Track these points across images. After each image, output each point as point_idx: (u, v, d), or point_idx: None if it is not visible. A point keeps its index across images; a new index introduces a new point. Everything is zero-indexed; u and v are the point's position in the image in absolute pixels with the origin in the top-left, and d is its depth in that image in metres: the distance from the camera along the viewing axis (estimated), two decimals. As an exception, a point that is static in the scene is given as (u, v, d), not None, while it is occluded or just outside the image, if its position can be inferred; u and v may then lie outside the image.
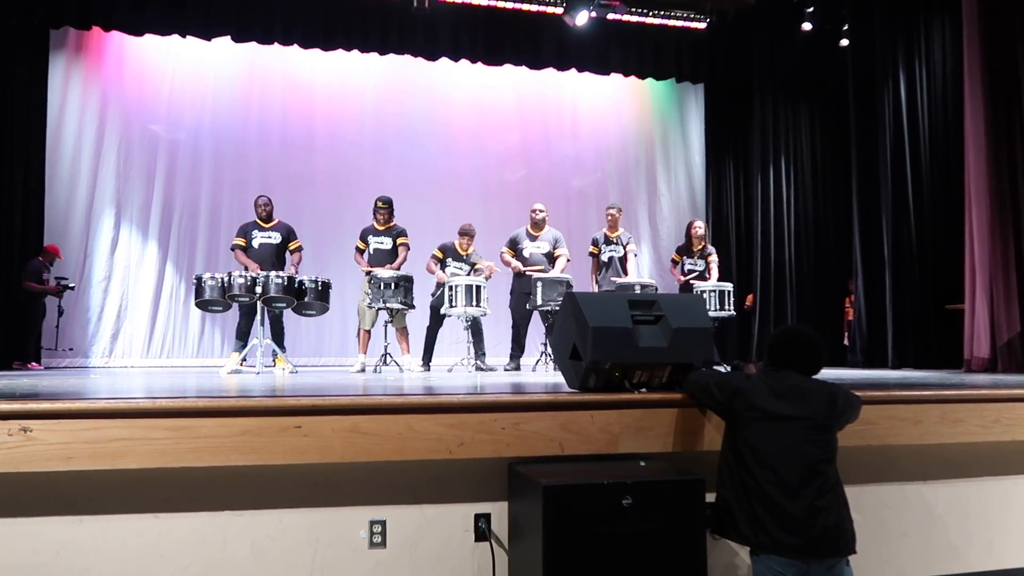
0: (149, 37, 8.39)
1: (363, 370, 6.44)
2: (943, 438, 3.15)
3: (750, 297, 9.35)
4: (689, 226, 7.73)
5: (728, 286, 7.02)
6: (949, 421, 3.15)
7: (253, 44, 8.54)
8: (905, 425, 3.10)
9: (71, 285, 8.08)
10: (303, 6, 8.29)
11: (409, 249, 6.84)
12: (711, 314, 6.57)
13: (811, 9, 8.56)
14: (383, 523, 2.77)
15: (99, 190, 8.64)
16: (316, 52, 8.76)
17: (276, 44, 8.52)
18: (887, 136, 7.67)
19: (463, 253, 6.91)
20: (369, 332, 6.73)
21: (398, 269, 6.58)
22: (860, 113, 8.20)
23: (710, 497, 2.67)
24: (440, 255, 6.94)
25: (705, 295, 6.80)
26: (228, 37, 8.33)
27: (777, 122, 9.32)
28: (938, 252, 7.19)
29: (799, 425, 2.55)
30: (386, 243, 6.80)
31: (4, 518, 2.49)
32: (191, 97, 8.96)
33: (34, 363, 7.74)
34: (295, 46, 8.58)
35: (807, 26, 8.65)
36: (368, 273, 6.58)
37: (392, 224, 6.86)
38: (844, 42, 8.64)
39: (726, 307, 6.87)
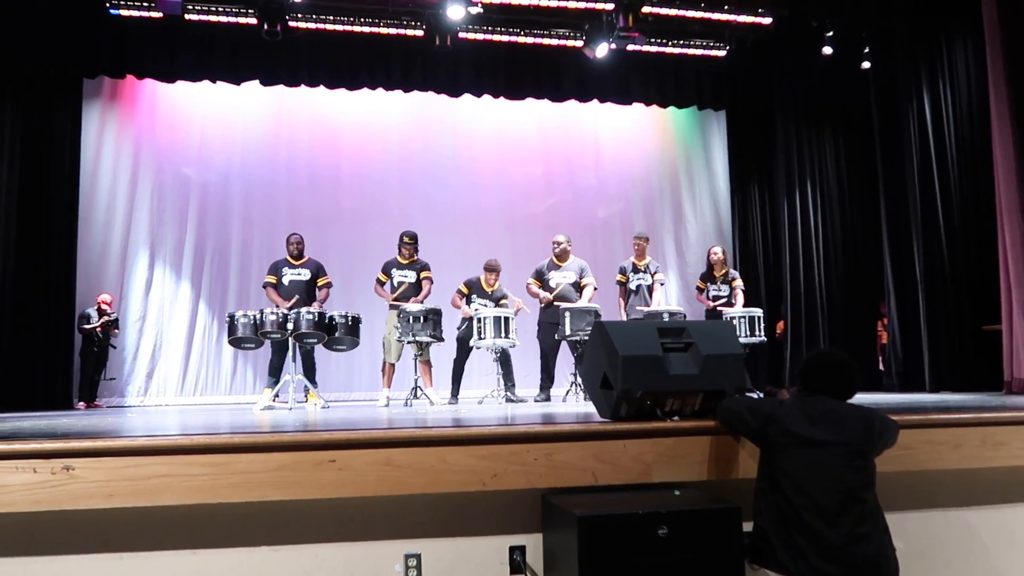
0: (180, 83, 8.65)
1: (388, 404, 6.46)
2: (985, 462, 3.08)
3: (780, 324, 9.25)
4: (708, 252, 7.74)
5: (758, 312, 6.97)
6: (991, 444, 3.08)
7: (280, 87, 8.76)
8: (945, 449, 3.03)
9: (114, 318, 8.32)
10: (328, 48, 8.48)
11: (432, 283, 6.89)
12: (741, 340, 6.51)
13: (831, 33, 8.57)
14: (418, 557, 2.77)
15: (133, 232, 8.86)
16: (341, 92, 8.95)
17: (303, 86, 8.72)
18: (914, 156, 7.61)
19: (488, 289, 6.93)
20: (394, 366, 6.76)
21: (422, 303, 6.61)
22: (885, 134, 8.15)
23: (747, 526, 2.63)
24: (465, 291, 6.97)
25: (735, 321, 6.75)
26: (256, 81, 8.56)
27: (801, 145, 9.30)
28: (972, 271, 7.07)
29: (835, 451, 2.51)
30: (410, 276, 6.85)
31: (47, 556, 2.53)
32: (221, 140, 9.20)
33: (83, 403, 8.10)
34: (321, 87, 8.78)
35: (827, 50, 8.65)
36: (394, 306, 6.63)
37: (416, 258, 6.93)
38: (865, 64, 8.63)
39: (756, 333, 6.81)
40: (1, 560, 2.51)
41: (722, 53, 9.05)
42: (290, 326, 6.02)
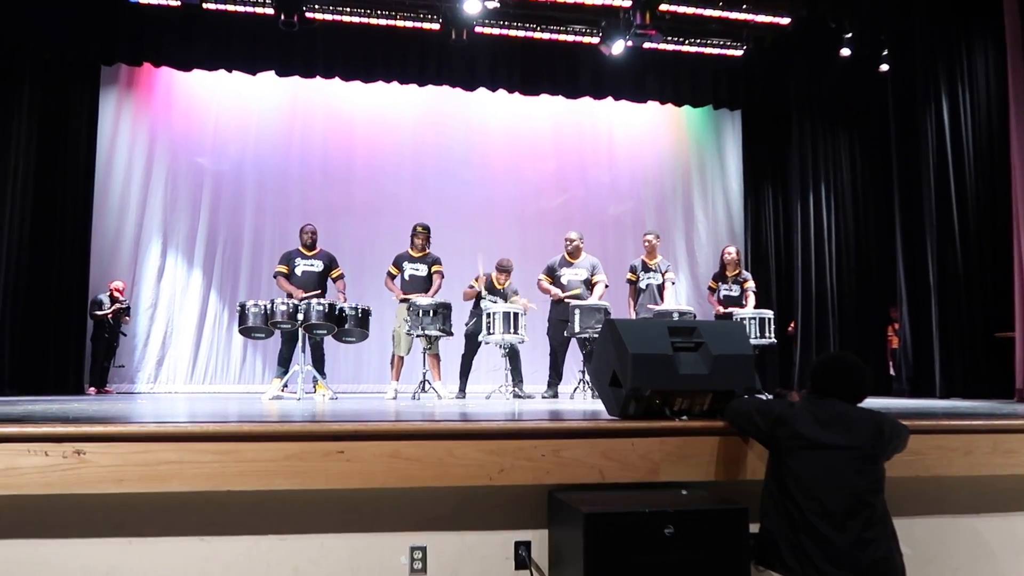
0: (196, 72, 8.69)
1: (396, 397, 6.48)
2: (995, 469, 3.06)
3: (792, 324, 9.21)
4: (722, 252, 7.72)
5: (768, 313, 6.94)
6: (1001, 452, 3.06)
7: (296, 78, 8.76)
8: (955, 455, 3.01)
9: (125, 305, 8.34)
10: (344, 40, 8.48)
11: (443, 277, 6.89)
12: (751, 342, 6.48)
13: (849, 35, 8.51)
14: (423, 549, 2.77)
15: (147, 220, 8.92)
16: (356, 84, 8.97)
17: (318, 77, 8.72)
18: (930, 160, 7.54)
19: (499, 288, 6.94)
20: (403, 359, 6.78)
21: (433, 297, 6.62)
22: (901, 137, 8.09)
23: (754, 528, 2.63)
24: (477, 286, 6.96)
25: (745, 322, 6.72)
26: (272, 72, 8.57)
27: (816, 147, 9.24)
28: (986, 278, 7.00)
29: (845, 454, 2.50)
30: (421, 270, 6.87)
31: (57, 538, 2.56)
32: (236, 130, 9.23)
33: (94, 388, 8.11)
34: (336, 79, 8.79)
35: (845, 52, 8.58)
36: (404, 299, 6.64)
37: (427, 251, 6.94)
38: (884, 67, 8.56)
39: (766, 335, 6.79)
40: (12, 541, 2.54)
41: (739, 53, 9.00)
42: (300, 317, 6.04)
